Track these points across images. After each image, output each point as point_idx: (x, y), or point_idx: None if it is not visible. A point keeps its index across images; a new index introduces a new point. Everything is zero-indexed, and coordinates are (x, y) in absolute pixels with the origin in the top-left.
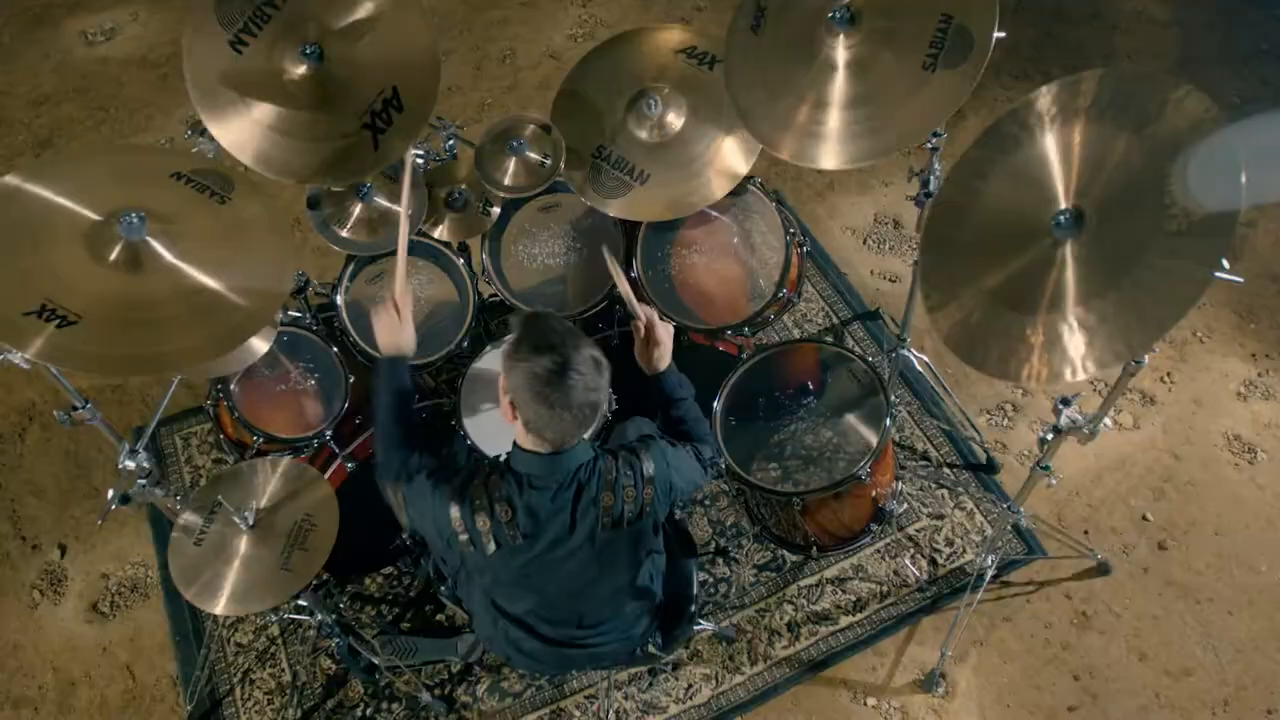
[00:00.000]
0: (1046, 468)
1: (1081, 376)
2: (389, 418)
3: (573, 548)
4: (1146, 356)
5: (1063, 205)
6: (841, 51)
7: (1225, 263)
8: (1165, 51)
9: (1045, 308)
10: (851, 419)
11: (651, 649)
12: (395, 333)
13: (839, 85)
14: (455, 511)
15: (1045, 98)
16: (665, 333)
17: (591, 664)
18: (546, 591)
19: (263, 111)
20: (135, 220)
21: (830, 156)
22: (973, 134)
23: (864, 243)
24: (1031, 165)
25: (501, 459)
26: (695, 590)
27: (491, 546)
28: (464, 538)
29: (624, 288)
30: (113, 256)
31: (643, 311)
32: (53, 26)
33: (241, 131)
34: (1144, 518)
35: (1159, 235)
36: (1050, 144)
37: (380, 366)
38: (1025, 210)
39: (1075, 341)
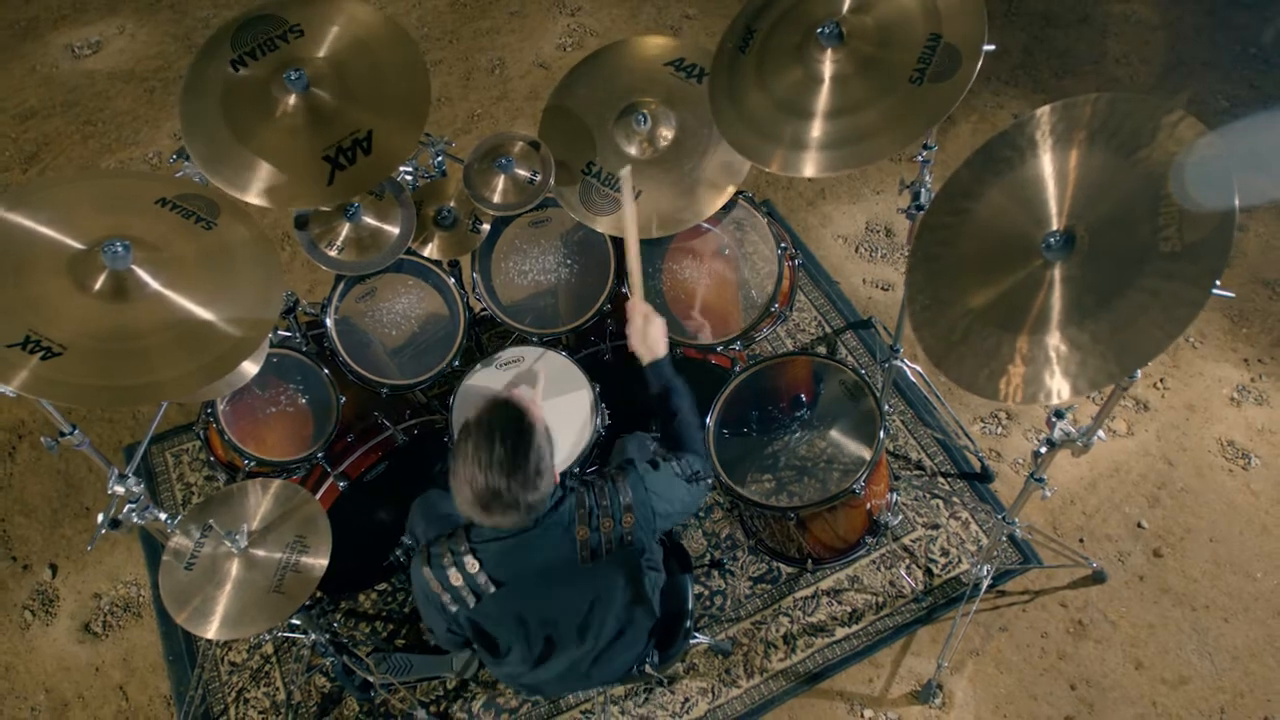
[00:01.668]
0: (1041, 480)
1: (1066, 398)
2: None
3: (557, 583)
4: (1139, 372)
5: (1054, 227)
6: (829, 66)
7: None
8: (1154, 55)
9: (1031, 328)
10: (845, 430)
11: (647, 668)
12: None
13: (824, 97)
14: (426, 572)
15: (1039, 121)
16: (659, 318)
17: (590, 685)
18: (551, 630)
19: (232, 120)
20: (120, 249)
21: (813, 164)
22: (964, 140)
23: (856, 251)
24: (1023, 187)
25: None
26: (691, 606)
27: (472, 600)
28: (446, 598)
29: (634, 257)
30: (97, 286)
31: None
32: (39, 40)
33: (207, 133)
34: (1139, 525)
35: (1153, 257)
36: (1042, 166)
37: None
38: (1015, 231)
39: (1061, 362)
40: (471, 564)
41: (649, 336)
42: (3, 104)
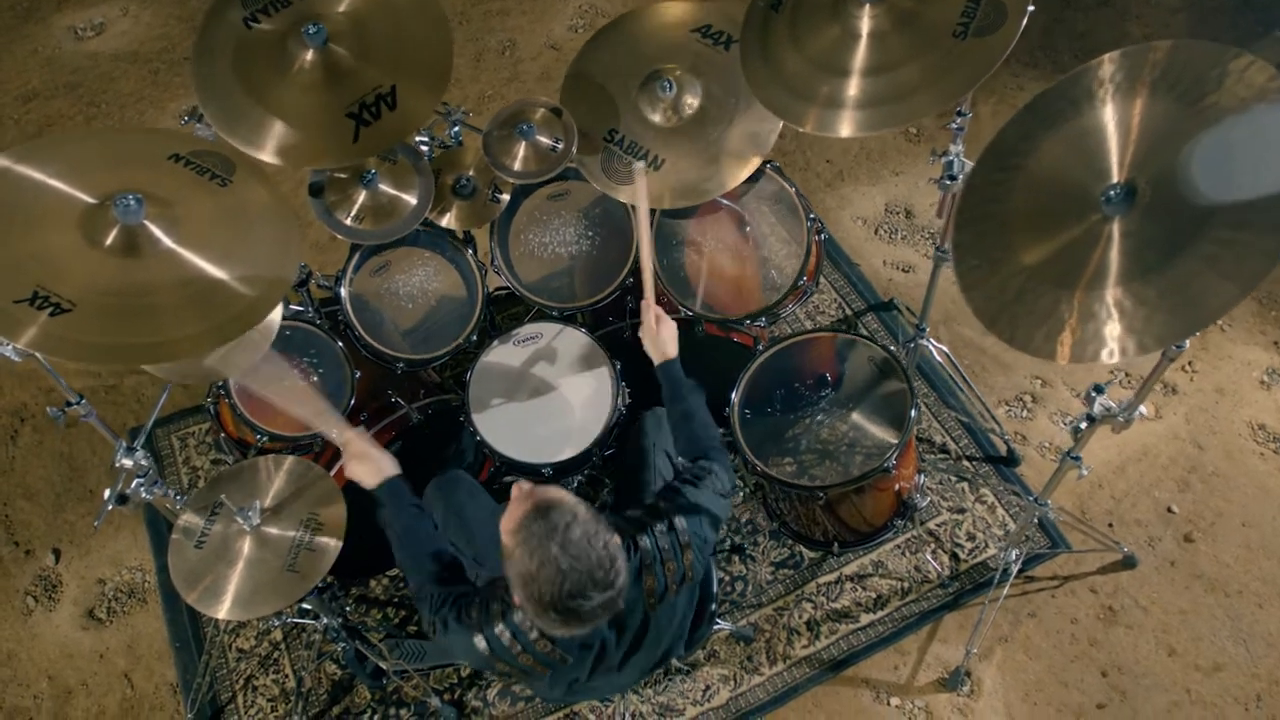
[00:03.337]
0: (1077, 458)
1: (1131, 356)
2: (406, 546)
3: (627, 638)
4: (1187, 341)
5: (1114, 179)
6: (866, 21)
7: None
8: (1175, 38)
9: (1091, 285)
10: (869, 412)
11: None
12: (373, 462)
13: (861, 54)
14: (481, 643)
15: (1097, 72)
16: (669, 320)
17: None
18: (612, 679)
19: (247, 79)
20: (132, 203)
21: (850, 123)
22: (984, 122)
23: (875, 233)
24: (1079, 140)
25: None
26: (715, 589)
27: (545, 673)
28: (504, 668)
29: (647, 257)
30: (108, 241)
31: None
32: (41, 22)
33: (225, 97)
34: (1169, 510)
35: (1223, 206)
36: (1100, 118)
37: (382, 497)
38: (1071, 185)
39: (1125, 319)
40: (543, 644)
41: (660, 337)
42: (5, 85)
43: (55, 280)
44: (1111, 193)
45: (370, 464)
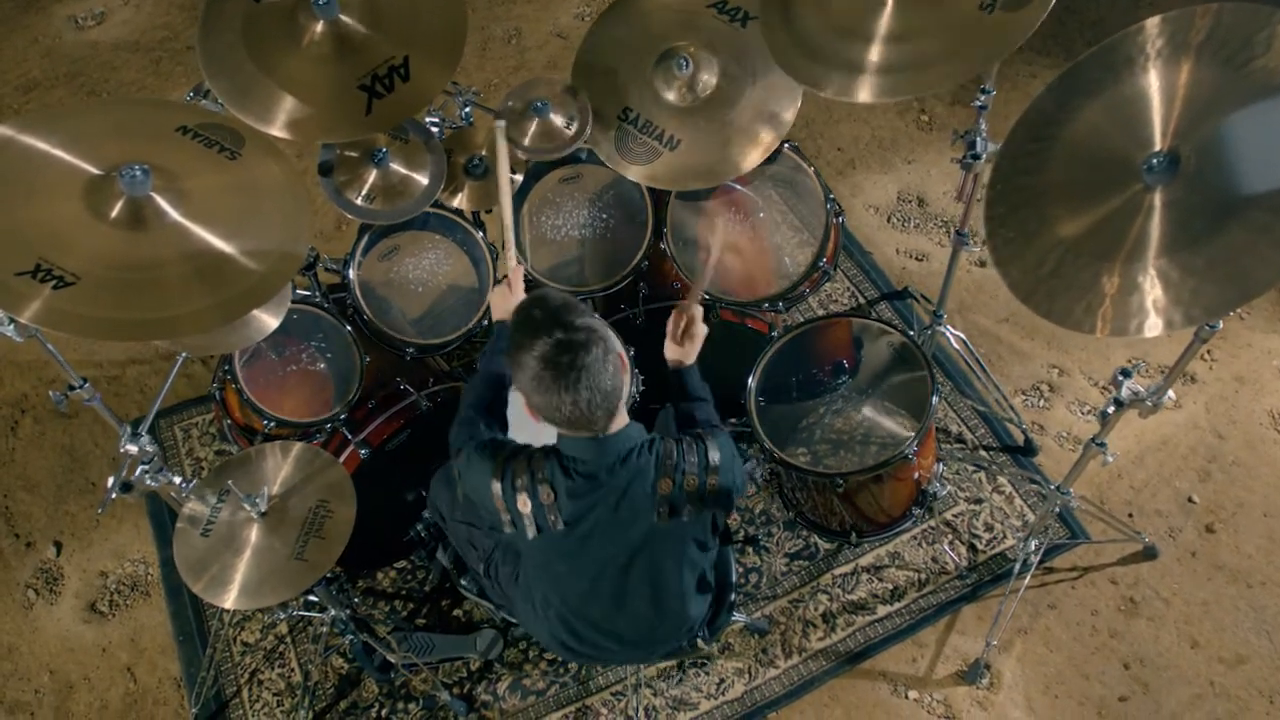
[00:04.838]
0: (1102, 444)
1: (1178, 327)
2: (486, 381)
3: (622, 538)
4: (1221, 321)
5: (1157, 148)
6: None
7: None
8: None
9: (1134, 255)
10: (889, 399)
11: (699, 642)
12: (508, 301)
13: (886, 20)
14: (496, 488)
15: (1138, 38)
16: (702, 330)
17: (641, 658)
18: (596, 584)
19: (256, 53)
20: (138, 174)
21: (869, 89)
22: (997, 109)
23: (888, 221)
24: (1119, 107)
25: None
26: (734, 578)
27: (532, 531)
28: (505, 517)
29: (710, 263)
30: (114, 213)
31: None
32: (41, 11)
33: (234, 72)
34: (1190, 500)
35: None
36: (1141, 84)
37: (496, 331)
38: (1111, 155)
39: (1171, 290)
40: (547, 494)
41: (683, 347)
42: (5, 75)
43: (59, 252)
44: (1154, 162)
45: (508, 302)
